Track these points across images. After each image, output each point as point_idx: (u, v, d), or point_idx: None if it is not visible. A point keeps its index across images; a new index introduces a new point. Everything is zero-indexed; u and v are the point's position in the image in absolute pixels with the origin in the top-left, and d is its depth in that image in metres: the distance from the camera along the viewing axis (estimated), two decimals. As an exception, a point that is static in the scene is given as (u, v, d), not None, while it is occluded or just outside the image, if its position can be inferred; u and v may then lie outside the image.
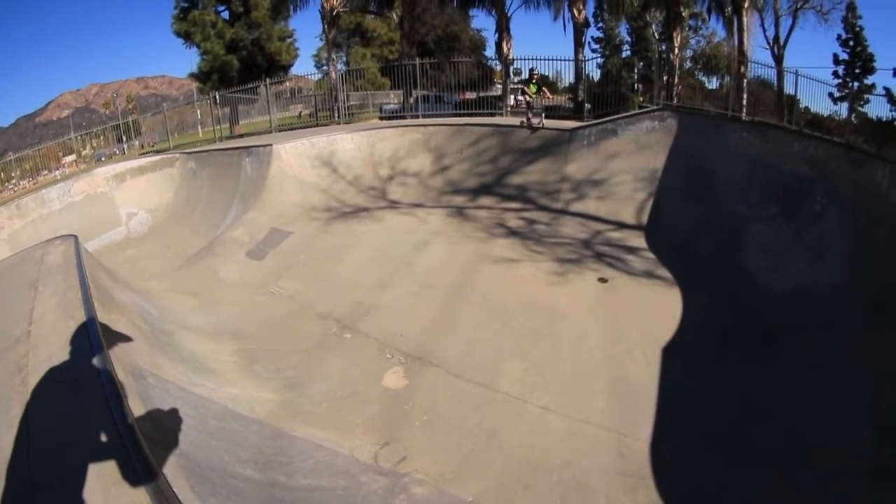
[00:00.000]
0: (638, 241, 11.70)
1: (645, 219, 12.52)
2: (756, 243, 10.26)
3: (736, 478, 5.56)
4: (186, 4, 36.20)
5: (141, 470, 3.35)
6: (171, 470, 3.93)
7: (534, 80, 17.54)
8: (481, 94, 27.81)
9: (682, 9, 28.14)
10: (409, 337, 8.43)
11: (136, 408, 4.42)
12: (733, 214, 11.10)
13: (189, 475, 4.15)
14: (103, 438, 3.63)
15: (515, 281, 10.22)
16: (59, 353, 4.77)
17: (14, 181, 27.90)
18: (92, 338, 4.95)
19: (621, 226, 12.47)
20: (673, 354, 7.65)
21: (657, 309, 8.90)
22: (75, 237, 8.77)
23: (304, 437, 6.08)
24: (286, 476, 5.22)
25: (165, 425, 4.80)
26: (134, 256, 14.00)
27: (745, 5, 28.09)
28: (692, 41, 43.89)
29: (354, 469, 5.66)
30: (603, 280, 10.03)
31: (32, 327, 5.45)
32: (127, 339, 6.17)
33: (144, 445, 3.59)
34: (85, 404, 4.05)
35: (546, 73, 35.53)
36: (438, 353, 7.97)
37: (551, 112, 23.86)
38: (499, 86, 32.04)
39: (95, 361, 4.62)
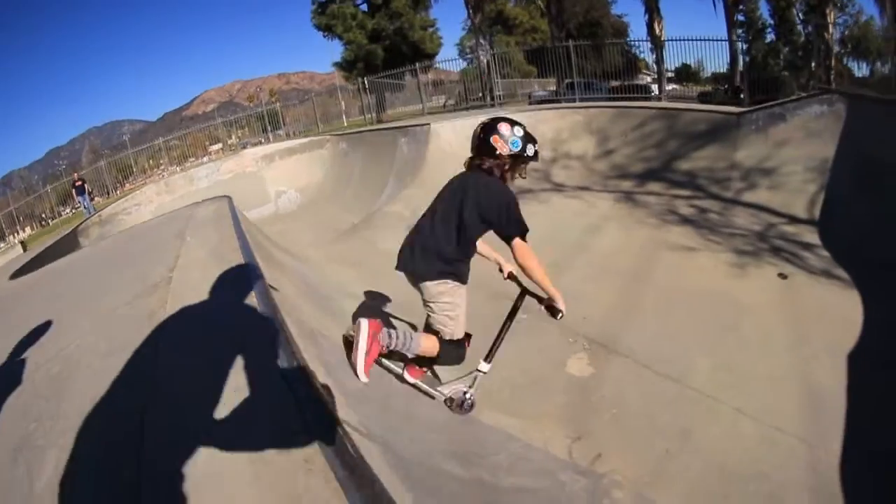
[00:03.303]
0: (812, 236, 10.79)
1: (817, 213, 11.53)
2: (942, 244, 9.16)
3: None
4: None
5: (315, 424, 2.80)
6: (364, 447, 3.24)
7: None
8: (626, 83, 27.17)
9: (833, -22, 26.13)
10: (592, 322, 8.07)
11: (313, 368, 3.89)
12: (913, 211, 9.99)
13: (393, 463, 3.60)
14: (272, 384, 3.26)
15: (695, 270, 9.71)
16: (204, 297, 4.58)
17: (163, 167, 29.64)
18: (252, 279, 4.63)
19: (794, 220, 11.56)
20: (860, 363, 6.88)
21: (839, 311, 8.12)
22: (229, 197, 8.82)
23: (493, 425, 5.79)
24: (490, 474, 4.83)
25: (349, 394, 4.25)
26: (284, 230, 14.34)
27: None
28: (839, 21, 40.65)
29: (552, 466, 5.31)
30: (783, 276, 9.35)
31: (174, 273, 5.32)
32: (289, 298, 5.88)
33: (325, 396, 3.09)
34: (238, 348, 3.67)
35: (688, 62, 33.94)
36: (623, 340, 7.58)
37: (707, 98, 22.99)
38: (642, 76, 31.30)
39: (255, 305, 4.24)
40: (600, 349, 7.50)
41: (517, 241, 4.41)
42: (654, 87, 26.09)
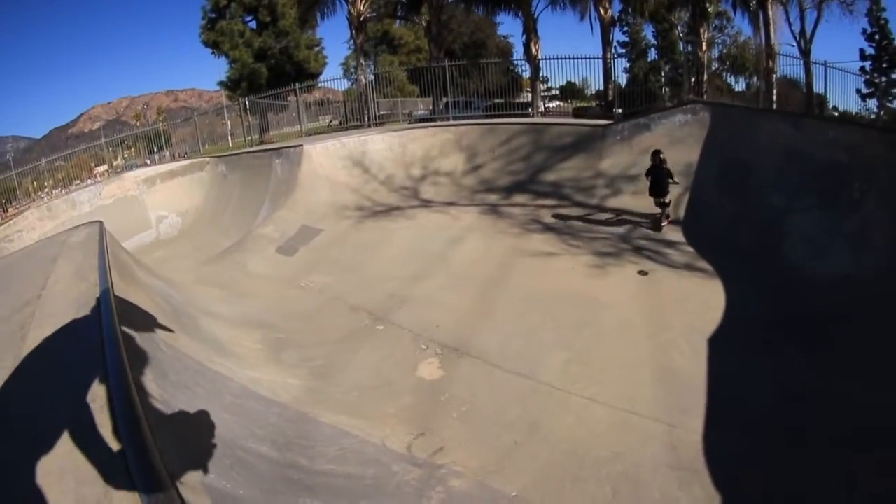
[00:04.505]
0: (676, 235, 11.46)
1: (682, 213, 12.31)
2: (796, 234, 9.92)
3: (796, 468, 5.20)
4: (214, 15, 36.53)
5: (123, 421, 2.98)
6: (164, 429, 3.66)
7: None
8: (506, 101, 27.64)
9: (708, 4, 28.01)
10: (445, 328, 8.24)
11: (139, 367, 4.29)
12: (770, 206, 10.78)
13: (183, 438, 4.01)
14: (90, 384, 3.40)
15: (553, 273, 10.01)
16: (65, 311, 4.71)
17: (47, 190, 28.19)
18: (101, 296, 4.84)
19: (658, 220, 12.21)
20: (719, 345, 7.33)
21: (700, 300, 8.61)
22: (101, 222, 8.85)
23: (331, 424, 5.87)
24: (308, 460, 5.00)
25: (170, 386, 4.63)
26: (163, 257, 14.10)
27: (770, -2, 27.67)
28: (717, 41, 42.85)
29: (385, 458, 5.42)
30: (643, 273, 9.81)
31: (44, 291, 5.47)
32: (143, 311, 6.04)
33: (135, 394, 3.31)
34: (79, 352, 3.94)
35: (573, 80, 34.99)
36: (476, 343, 7.74)
37: (581, 113, 23.64)
38: (526, 93, 31.97)
39: (100, 315, 4.48)
40: (452, 353, 7.62)
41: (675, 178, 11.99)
42: (541, 104, 26.71)
